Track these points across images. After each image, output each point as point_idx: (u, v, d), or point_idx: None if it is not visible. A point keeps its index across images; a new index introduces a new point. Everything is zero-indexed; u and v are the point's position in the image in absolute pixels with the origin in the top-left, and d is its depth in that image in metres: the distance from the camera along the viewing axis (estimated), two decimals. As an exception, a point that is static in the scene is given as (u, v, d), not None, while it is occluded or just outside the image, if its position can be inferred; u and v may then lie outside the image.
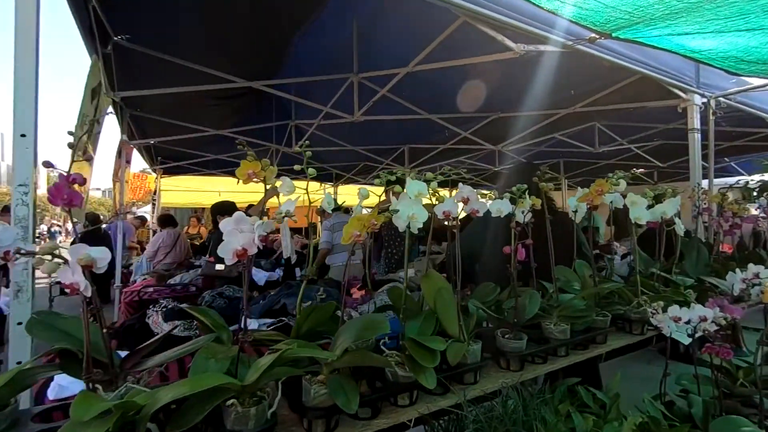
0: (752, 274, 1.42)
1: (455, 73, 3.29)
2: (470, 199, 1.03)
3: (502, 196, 1.28)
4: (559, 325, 1.19)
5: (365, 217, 0.81)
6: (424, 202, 0.97)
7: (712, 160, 2.67)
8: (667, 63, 2.48)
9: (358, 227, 0.81)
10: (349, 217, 1.31)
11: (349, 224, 0.82)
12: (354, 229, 0.81)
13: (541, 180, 1.28)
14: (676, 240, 1.74)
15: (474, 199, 1.05)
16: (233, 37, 2.76)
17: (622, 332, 1.41)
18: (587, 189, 1.37)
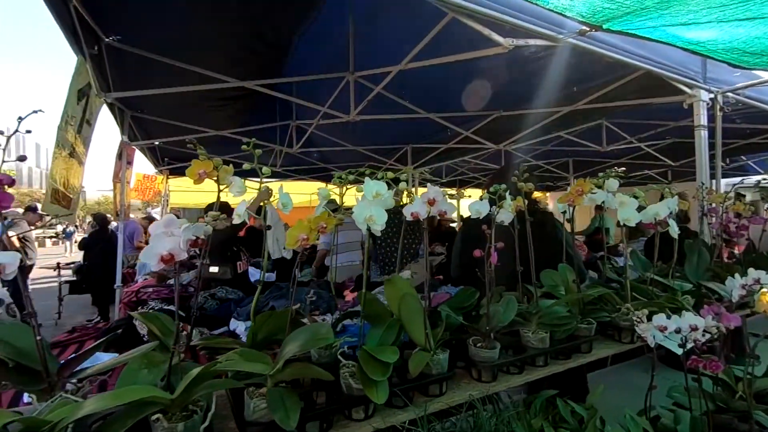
0: (752, 280, 1.32)
1: (455, 72, 3.23)
2: (437, 201, 0.97)
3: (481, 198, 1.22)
4: (538, 333, 1.12)
5: (313, 219, 0.76)
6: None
7: (720, 158, 2.55)
8: (670, 57, 2.38)
9: (304, 230, 0.76)
10: (346, 218, 1.27)
11: (295, 227, 0.77)
12: (299, 233, 0.76)
13: (521, 180, 1.21)
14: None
15: (441, 201, 0.99)
16: (231, 37, 2.74)
17: (611, 340, 1.33)
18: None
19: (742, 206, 1.87)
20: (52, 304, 6.08)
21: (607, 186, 1.48)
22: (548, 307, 1.18)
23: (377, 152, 5.90)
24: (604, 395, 1.53)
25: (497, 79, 3.35)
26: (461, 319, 1.15)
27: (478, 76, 3.34)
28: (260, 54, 3.06)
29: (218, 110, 4.20)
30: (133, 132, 4.14)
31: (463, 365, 1.08)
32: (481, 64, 3.02)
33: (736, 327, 1.20)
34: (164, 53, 2.68)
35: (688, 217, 3.43)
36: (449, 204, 1.01)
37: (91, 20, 2.00)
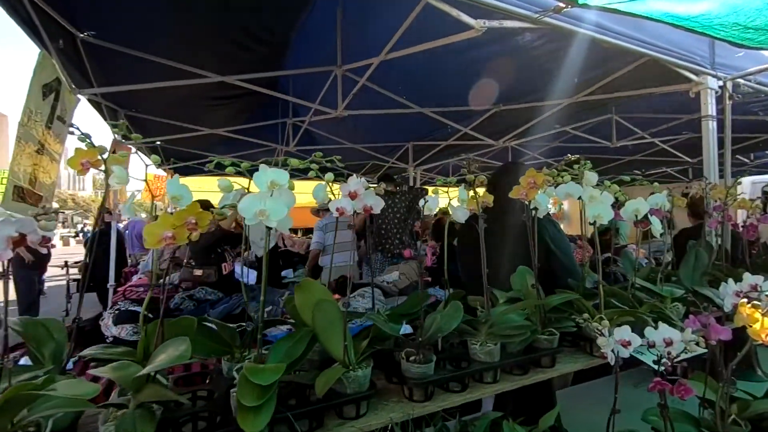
0: (748, 286, 1.15)
1: (450, 66, 3.10)
2: (358, 194, 0.85)
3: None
4: (486, 345, 0.98)
5: (179, 213, 0.65)
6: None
7: (729, 151, 2.33)
8: (674, 42, 2.19)
9: (167, 226, 0.65)
10: (341, 217, 1.16)
11: (156, 223, 0.66)
12: (162, 230, 0.65)
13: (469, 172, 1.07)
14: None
15: (364, 194, 0.86)
16: (221, 34, 2.69)
17: (582, 353, 1.18)
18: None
19: (747, 204, 1.67)
20: (61, 301, 6.19)
21: (585, 180, 1.33)
22: (501, 314, 1.04)
23: (378, 150, 5.78)
24: (578, 415, 1.37)
25: (494, 72, 3.19)
26: (403, 328, 1.02)
27: (475, 69, 3.18)
28: (255, 51, 2.99)
29: (218, 109, 4.16)
30: (129, 131, 4.12)
31: (395, 382, 0.96)
32: (477, 56, 2.88)
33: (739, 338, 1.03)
34: (147, 50, 2.63)
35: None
36: (375, 198, 0.88)
37: (57, 14, 1.95)
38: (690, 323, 1.11)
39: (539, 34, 2.60)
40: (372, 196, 0.87)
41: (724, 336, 1.08)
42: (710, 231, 1.90)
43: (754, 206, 1.68)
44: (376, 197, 0.87)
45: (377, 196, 0.87)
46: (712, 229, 1.58)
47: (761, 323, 0.73)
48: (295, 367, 0.80)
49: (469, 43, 2.79)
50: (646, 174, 7.68)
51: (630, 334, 0.89)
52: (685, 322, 1.11)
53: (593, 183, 1.31)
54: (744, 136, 4.83)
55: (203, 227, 0.67)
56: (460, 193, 1.12)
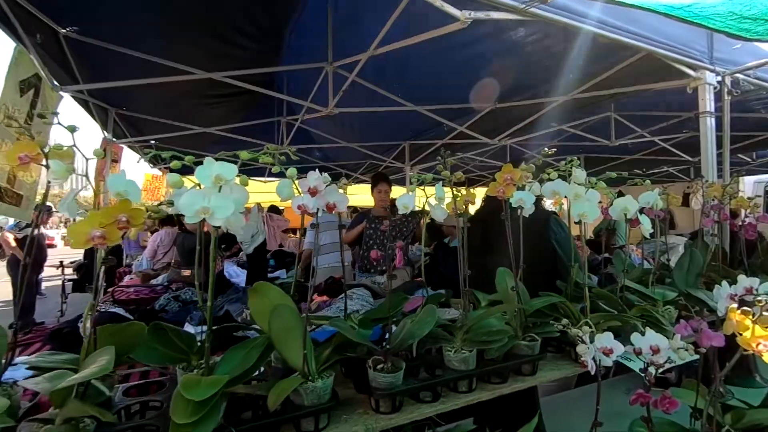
0: (743, 289, 1.08)
1: (445, 63, 3.04)
2: (319, 191, 0.79)
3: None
4: (461, 352, 0.92)
5: (108, 210, 0.59)
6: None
7: (728, 149, 2.26)
8: (670, 35, 2.12)
9: (94, 224, 0.59)
10: (335, 217, 1.11)
11: (83, 221, 0.60)
12: (89, 228, 0.59)
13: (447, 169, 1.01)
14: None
15: (326, 191, 0.80)
16: (212, 31, 2.65)
17: (567, 359, 1.12)
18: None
19: (745, 202, 1.60)
20: (58, 301, 6.15)
21: (574, 177, 1.27)
22: (478, 319, 0.98)
23: (375, 149, 5.72)
24: (565, 424, 1.31)
25: (489, 69, 3.13)
26: (372, 332, 0.97)
27: (470, 67, 3.12)
28: (248, 49, 2.95)
29: (213, 107, 4.12)
30: (121, 129, 4.09)
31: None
32: (471, 53, 2.82)
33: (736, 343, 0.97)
34: (134, 47, 2.58)
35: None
36: (340, 195, 0.82)
37: (34, 9, 1.90)
38: (681, 328, 1.05)
39: (533, 30, 2.54)
40: (335, 193, 0.81)
41: (716, 342, 1.01)
42: (707, 230, 1.84)
43: (752, 205, 1.62)
44: (340, 194, 0.81)
45: (341, 193, 0.81)
46: (704, 227, 1.51)
47: (752, 331, 0.66)
48: (247, 378, 0.75)
49: (463, 39, 2.75)
50: (647, 173, 7.60)
51: (612, 341, 0.82)
52: (675, 327, 1.05)
53: (581, 180, 1.25)
54: (745, 135, 4.74)
55: (138, 225, 0.62)
56: (437, 191, 1.06)
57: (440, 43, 2.85)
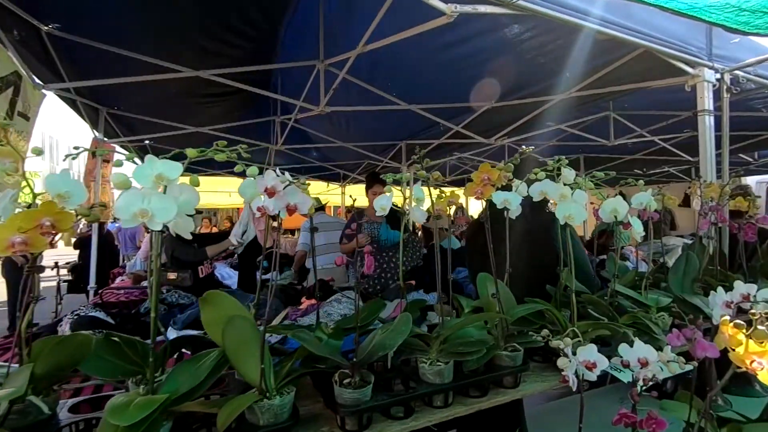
0: (739, 296, 1.02)
1: (438, 61, 2.98)
2: (277, 191, 0.73)
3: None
4: (436, 364, 0.86)
5: (29, 214, 0.54)
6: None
7: (726, 148, 2.20)
8: (667, 31, 2.06)
9: (13, 230, 0.53)
10: (331, 219, 1.05)
11: (4, 225, 0.54)
12: (9, 234, 0.53)
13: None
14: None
15: (286, 192, 0.75)
16: (203, 29, 2.60)
17: (552, 370, 1.05)
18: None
19: (743, 202, 1.54)
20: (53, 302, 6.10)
21: (563, 177, 1.21)
22: (456, 327, 0.92)
23: (372, 149, 5.67)
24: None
25: (484, 68, 3.07)
26: (343, 343, 0.91)
27: (465, 65, 3.06)
28: (242, 47, 2.90)
29: (208, 107, 4.08)
30: (113, 129, 4.05)
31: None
32: (465, 51, 2.77)
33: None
34: (121, 44, 2.53)
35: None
36: (301, 196, 0.77)
37: (10, 3, 1.85)
38: (673, 338, 0.99)
39: (527, 26, 2.48)
40: (297, 194, 0.76)
41: (711, 353, 0.95)
42: (704, 233, 1.77)
43: (749, 204, 1.55)
44: (301, 195, 0.76)
45: (302, 194, 0.75)
46: (701, 229, 1.45)
47: (745, 346, 0.60)
48: (196, 395, 0.69)
49: (456, 37, 2.69)
50: (647, 173, 7.51)
51: (595, 354, 0.76)
52: (668, 337, 0.99)
53: (570, 180, 1.19)
54: (747, 134, 4.67)
55: (66, 230, 0.56)
56: (416, 192, 1.00)
57: (434, 41, 2.81)
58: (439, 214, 1.09)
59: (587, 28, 1.86)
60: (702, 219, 1.52)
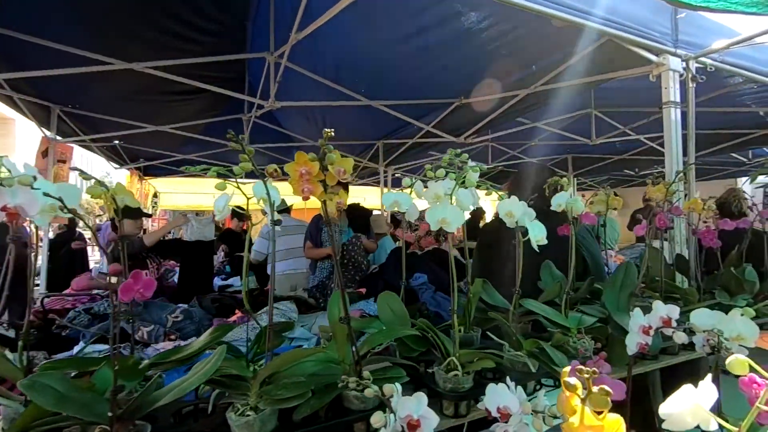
0: (659, 319, 0.82)
1: (399, 56, 2.82)
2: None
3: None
4: (246, 415, 0.67)
5: None
6: None
7: (693, 142, 1.99)
8: (631, 16, 1.87)
9: None
10: (293, 221, 0.88)
11: None
12: None
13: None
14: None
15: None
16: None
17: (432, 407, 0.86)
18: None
19: (698, 205, 1.34)
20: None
21: (468, 180, 1.02)
22: (283, 361, 0.72)
23: (351, 149, 5.50)
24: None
25: (449, 61, 2.90)
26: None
27: (428, 59, 2.88)
28: (201, 43, 2.76)
29: (179, 106, 3.93)
30: (70, 127, 3.89)
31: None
32: (425, 43, 2.61)
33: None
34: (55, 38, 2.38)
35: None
36: (28, 195, 0.58)
37: None
38: (573, 373, 0.79)
39: (484, 14, 2.30)
40: (23, 193, 0.57)
41: (615, 394, 0.75)
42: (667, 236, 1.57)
43: (707, 208, 1.35)
44: (28, 193, 0.57)
45: (30, 193, 0.57)
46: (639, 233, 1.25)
47: (581, 417, 0.41)
48: None
49: (413, 28, 2.51)
50: (640, 174, 7.27)
51: (422, 406, 0.56)
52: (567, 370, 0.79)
53: (474, 183, 1.00)
54: (739, 132, 4.45)
55: None
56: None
57: (390, 33, 2.64)
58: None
59: (536, 10, 1.68)
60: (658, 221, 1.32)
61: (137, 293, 0.60)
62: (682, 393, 0.46)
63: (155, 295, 2.53)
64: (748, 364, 0.48)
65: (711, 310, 0.86)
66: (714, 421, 0.46)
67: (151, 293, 0.62)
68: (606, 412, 0.40)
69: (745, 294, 1.39)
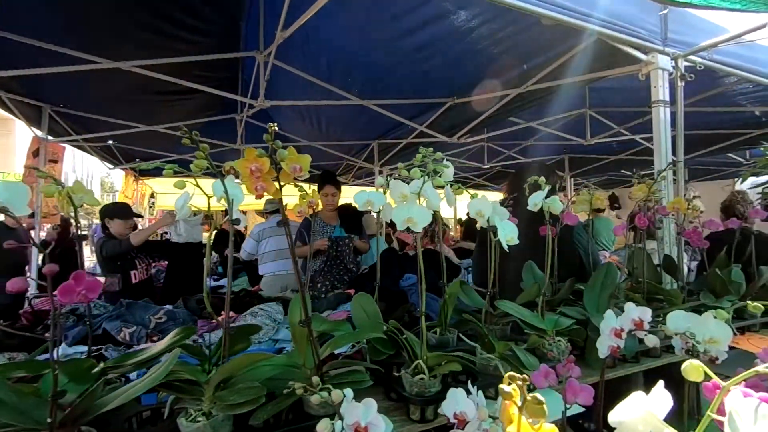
0: (631, 322, 0.80)
1: (390, 55, 2.80)
2: None
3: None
4: (197, 420, 0.65)
5: None
6: None
7: (681, 140, 1.96)
8: (617, 14, 1.85)
9: None
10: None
11: None
12: None
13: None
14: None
15: None
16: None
17: (400, 413, 0.84)
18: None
19: (683, 204, 1.31)
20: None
21: (444, 177, 1.01)
22: (239, 364, 0.70)
23: (347, 150, 5.49)
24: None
25: (440, 60, 2.88)
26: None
27: (419, 58, 2.86)
28: (195, 43, 2.74)
29: (173, 106, 3.91)
30: (63, 127, 3.87)
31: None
32: (415, 42, 2.59)
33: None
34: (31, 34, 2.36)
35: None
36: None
37: None
38: (539, 376, 0.77)
39: (473, 12, 2.28)
40: None
41: (582, 398, 0.74)
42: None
43: (691, 207, 1.33)
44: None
45: None
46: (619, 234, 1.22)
47: (517, 426, 0.39)
48: None
49: (403, 27, 2.50)
50: (639, 175, 7.24)
51: (371, 413, 0.54)
52: (533, 375, 0.77)
53: (450, 178, 0.99)
54: (735, 132, 4.42)
55: None
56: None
57: (379, 32, 2.62)
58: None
59: (524, 9, 1.67)
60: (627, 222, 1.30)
61: (79, 295, 0.58)
62: (632, 399, 0.44)
63: (141, 295, 2.53)
64: (702, 369, 0.45)
65: (687, 313, 0.84)
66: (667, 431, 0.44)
67: (95, 295, 0.60)
68: (542, 422, 0.37)
69: (731, 295, 1.37)
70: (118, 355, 0.89)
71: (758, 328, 1.43)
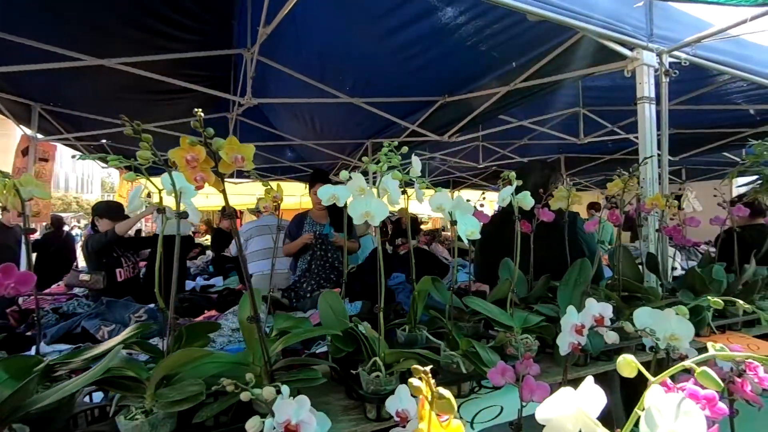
0: (591, 318, 0.78)
1: (380, 52, 2.78)
2: None
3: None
4: (136, 418, 0.63)
5: None
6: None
7: (666, 137, 1.94)
8: (601, 9, 1.82)
9: None
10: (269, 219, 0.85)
11: None
12: None
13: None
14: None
15: None
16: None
17: (357, 412, 0.82)
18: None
19: (661, 201, 1.29)
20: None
21: (411, 172, 1.00)
22: (179, 359, 0.68)
23: (342, 149, 5.47)
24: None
25: (429, 58, 2.86)
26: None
27: (409, 55, 2.84)
28: (187, 41, 2.73)
29: (169, 104, 3.90)
30: (54, 126, 3.85)
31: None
32: (404, 39, 2.57)
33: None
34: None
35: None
36: None
37: None
38: (495, 374, 0.75)
39: (460, 9, 2.26)
40: None
41: (539, 396, 0.72)
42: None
43: (670, 204, 1.31)
44: None
45: None
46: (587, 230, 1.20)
47: (428, 422, 0.37)
48: None
49: (391, 24, 2.48)
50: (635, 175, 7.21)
51: (301, 413, 0.52)
52: (489, 372, 0.75)
53: (417, 172, 0.97)
54: (731, 131, 4.40)
55: None
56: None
57: (367, 28, 2.61)
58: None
59: (509, 5, 1.64)
60: (607, 216, 1.28)
61: (8, 288, 0.56)
62: (560, 395, 0.42)
63: (127, 293, 2.50)
64: (635, 364, 0.43)
65: (651, 309, 0.82)
66: (599, 430, 0.42)
67: (27, 288, 0.58)
68: (451, 419, 0.35)
69: (712, 293, 1.35)
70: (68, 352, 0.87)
71: (740, 327, 1.41)
